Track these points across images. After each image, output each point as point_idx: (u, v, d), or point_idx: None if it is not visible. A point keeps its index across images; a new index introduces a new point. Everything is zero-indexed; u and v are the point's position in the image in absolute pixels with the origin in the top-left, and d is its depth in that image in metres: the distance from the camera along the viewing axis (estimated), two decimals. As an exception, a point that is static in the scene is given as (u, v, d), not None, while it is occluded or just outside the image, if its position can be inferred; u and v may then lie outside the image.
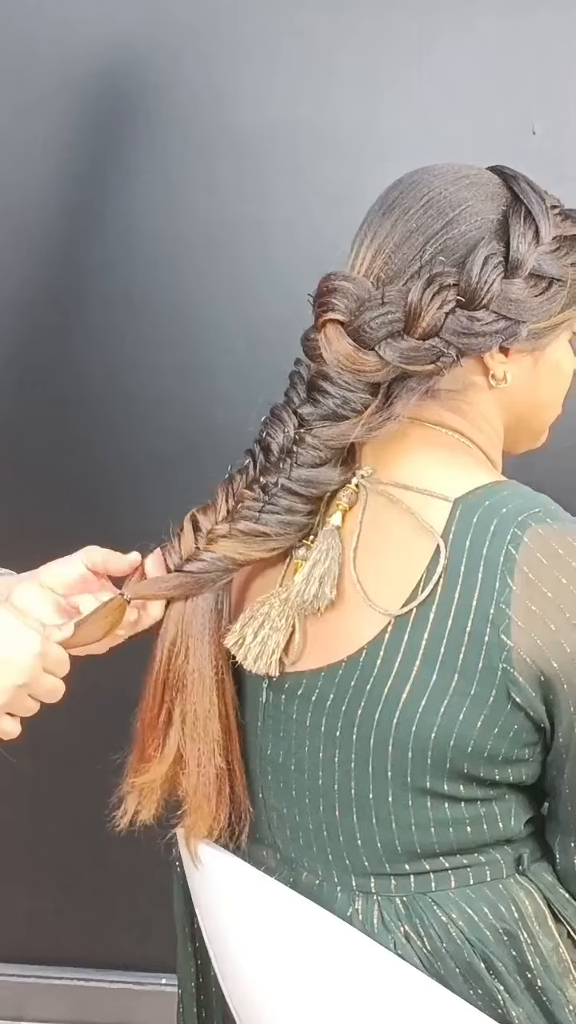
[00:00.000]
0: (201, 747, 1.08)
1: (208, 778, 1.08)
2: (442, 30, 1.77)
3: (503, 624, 0.96)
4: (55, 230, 1.87)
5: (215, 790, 1.08)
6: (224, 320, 1.86)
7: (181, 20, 1.80)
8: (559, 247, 1.05)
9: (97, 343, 1.89)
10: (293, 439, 1.04)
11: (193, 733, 1.08)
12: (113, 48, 1.82)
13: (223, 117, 1.81)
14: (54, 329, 1.90)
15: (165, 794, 1.11)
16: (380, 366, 1.01)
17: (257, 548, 1.05)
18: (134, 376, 1.90)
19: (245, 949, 1.11)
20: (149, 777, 1.09)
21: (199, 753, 1.08)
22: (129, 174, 1.84)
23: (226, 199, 1.84)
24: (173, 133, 1.83)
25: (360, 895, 1.05)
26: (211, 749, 1.08)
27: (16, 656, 0.97)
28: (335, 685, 1.04)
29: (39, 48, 1.83)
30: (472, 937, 1.01)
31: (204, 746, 1.08)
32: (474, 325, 1.01)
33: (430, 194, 1.04)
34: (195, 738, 1.08)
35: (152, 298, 1.88)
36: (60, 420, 1.93)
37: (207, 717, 1.08)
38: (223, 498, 1.07)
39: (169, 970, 1.88)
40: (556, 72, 1.78)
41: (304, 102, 1.80)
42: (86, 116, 1.83)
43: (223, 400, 1.86)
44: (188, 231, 1.85)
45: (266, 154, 1.81)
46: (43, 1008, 2.11)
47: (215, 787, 1.08)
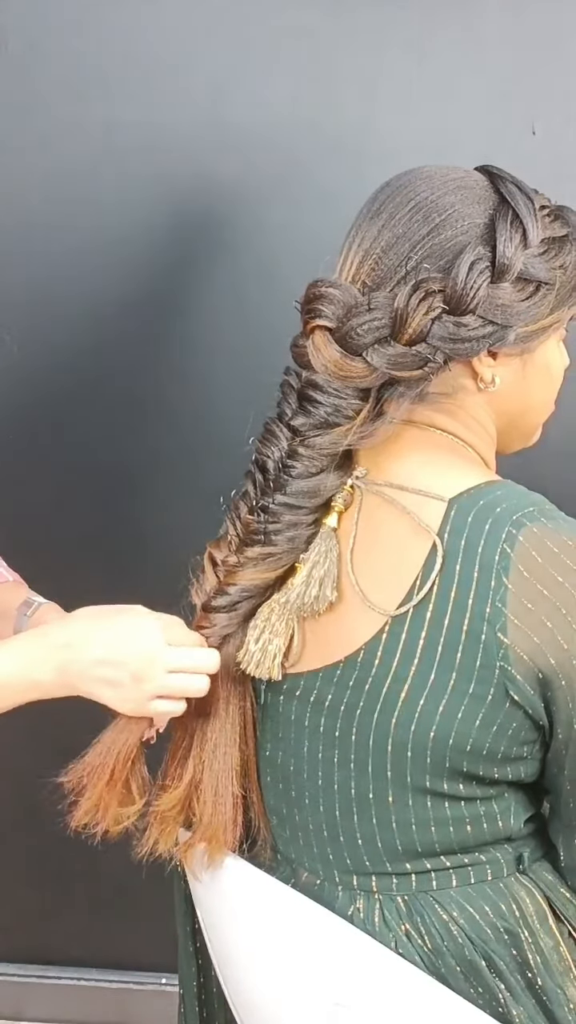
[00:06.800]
0: (219, 775, 1.08)
1: (225, 806, 1.08)
2: (442, 30, 1.77)
3: (499, 622, 0.96)
4: (50, 230, 1.87)
5: (231, 819, 1.09)
6: (223, 320, 1.86)
7: (181, 20, 1.80)
8: (547, 249, 1.05)
9: (96, 343, 1.89)
10: (287, 452, 1.05)
11: (212, 761, 1.08)
12: (113, 48, 1.82)
13: (223, 117, 1.81)
14: (53, 330, 1.90)
15: (183, 824, 1.11)
16: (368, 372, 1.01)
17: (273, 568, 1.06)
18: (133, 376, 1.90)
19: (246, 949, 1.11)
20: (167, 803, 1.09)
21: (216, 781, 1.08)
22: (127, 174, 1.84)
23: (226, 199, 1.84)
24: (172, 133, 1.82)
25: (361, 894, 1.05)
26: (228, 777, 1.08)
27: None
28: (334, 685, 1.04)
29: (40, 47, 1.83)
30: (473, 935, 1.01)
31: (222, 775, 1.08)
32: (461, 331, 1.01)
33: (416, 199, 1.04)
34: (213, 767, 1.08)
35: (152, 298, 1.88)
36: (60, 420, 1.92)
37: (227, 745, 1.08)
38: (231, 527, 1.08)
39: (169, 970, 1.89)
40: (556, 72, 1.78)
41: (304, 102, 1.80)
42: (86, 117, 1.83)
43: (222, 399, 1.86)
44: (188, 231, 1.85)
45: (266, 154, 1.81)
46: (43, 1008, 2.11)
47: (231, 816, 1.09)
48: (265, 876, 1.09)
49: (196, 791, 1.09)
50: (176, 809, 1.09)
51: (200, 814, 1.09)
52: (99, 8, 1.81)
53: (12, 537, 1.53)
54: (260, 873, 1.10)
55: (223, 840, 1.09)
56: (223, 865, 1.11)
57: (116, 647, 1.02)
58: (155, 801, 1.09)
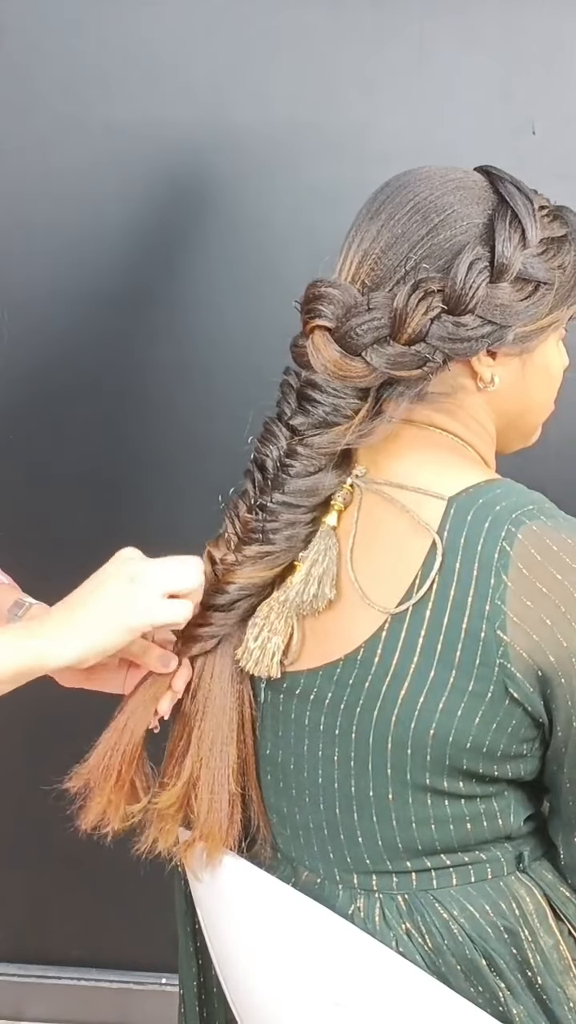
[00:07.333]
0: (216, 773, 1.08)
1: (221, 803, 1.08)
2: (442, 30, 1.77)
3: (499, 620, 0.96)
4: (50, 229, 1.87)
5: (227, 816, 1.09)
6: (223, 319, 1.86)
7: (181, 20, 1.80)
8: (546, 249, 1.05)
9: (96, 343, 1.89)
10: (286, 451, 1.05)
11: (209, 759, 1.08)
12: (113, 48, 1.82)
13: (223, 116, 1.81)
14: (53, 329, 1.90)
15: (182, 823, 1.11)
16: (367, 372, 1.02)
17: (271, 566, 1.06)
18: (133, 375, 1.90)
19: (246, 948, 1.11)
20: (165, 800, 1.09)
21: (213, 779, 1.08)
22: (127, 174, 1.84)
23: (226, 199, 1.84)
24: (172, 133, 1.82)
25: (361, 893, 1.05)
26: (225, 775, 1.08)
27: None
28: (333, 684, 1.04)
29: (40, 47, 1.83)
30: (473, 934, 1.01)
31: (219, 772, 1.08)
32: (459, 330, 1.01)
33: (416, 199, 1.04)
34: (210, 764, 1.08)
35: (152, 297, 1.88)
36: (60, 420, 1.93)
37: (224, 743, 1.08)
38: (230, 526, 1.08)
39: (169, 970, 1.89)
40: (556, 72, 1.78)
41: (304, 102, 1.80)
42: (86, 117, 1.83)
43: (222, 398, 1.86)
44: (187, 230, 1.85)
45: (266, 154, 1.81)
46: (43, 1008, 2.11)
47: (227, 814, 1.09)
48: (265, 875, 1.09)
49: (194, 789, 1.09)
50: (175, 807, 1.09)
51: (197, 811, 1.09)
52: (99, 8, 1.81)
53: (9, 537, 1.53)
54: (260, 872, 1.10)
55: (220, 838, 1.09)
56: (223, 864, 1.11)
57: (92, 579, 1.02)
58: (154, 799, 1.10)
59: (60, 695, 1.15)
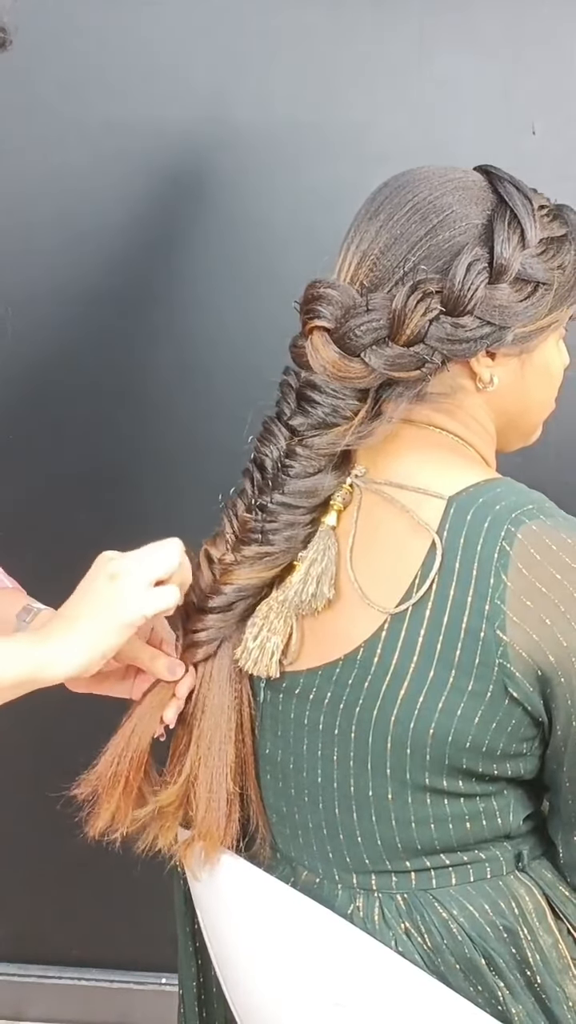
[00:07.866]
0: (214, 772, 1.08)
1: (219, 802, 1.08)
2: (442, 30, 1.77)
3: (498, 620, 0.96)
4: (51, 229, 1.87)
5: (225, 815, 1.09)
6: (223, 319, 1.86)
7: (181, 20, 1.80)
8: (546, 249, 1.05)
9: (96, 342, 1.89)
10: (286, 452, 1.05)
11: (207, 758, 1.08)
12: (113, 48, 1.82)
13: (223, 116, 1.81)
14: (53, 329, 1.90)
15: (182, 821, 1.11)
16: (366, 373, 1.02)
17: (270, 567, 1.06)
18: (133, 375, 1.90)
19: (246, 948, 1.11)
20: (165, 798, 1.09)
21: (211, 778, 1.08)
22: (127, 174, 1.84)
23: (226, 199, 1.84)
24: (173, 133, 1.82)
25: (361, 892, 1.05)
26: (223, 774, 1.08)
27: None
28: (333, 683, 1.04)
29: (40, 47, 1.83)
30: (472, 933, 1.01)
31: (217, 771, 1.08)
32: (458, 331, 1.01)
33: (415, 200, 1.04)
34: (208, 763, 1.08)
35: (151, 297, 1.88)
36: (60, 420, 1.92)
37: (223, 742, 1.08)
38: (228, 525, 1.08)
39: (169, 970, 1.89)
40: (556, 72, 1.77)
41: (304, 102, 1.80)
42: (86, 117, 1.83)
43: (221, 398, 1.86)
44: (187, 230, 1.85)
45: (266, 154, 1.81)
46: (43, 1008, 2.10)
47: (225, 812, 1.09)
48: (264, 875, 1.09)
49: (192, 787, 1.09)
50: (175, 804, 1.09)
51: (195, 810, 1.09)
52: (99, 8, 1.81)
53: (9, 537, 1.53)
54: (259, 872, 1.10)
55: (218, 837, 1.09)
56: (221, 864, 1.11)
57: (78, 589, 1.02)
58: (156, 796, 1.10)
59: (65, 700, 1.15)
